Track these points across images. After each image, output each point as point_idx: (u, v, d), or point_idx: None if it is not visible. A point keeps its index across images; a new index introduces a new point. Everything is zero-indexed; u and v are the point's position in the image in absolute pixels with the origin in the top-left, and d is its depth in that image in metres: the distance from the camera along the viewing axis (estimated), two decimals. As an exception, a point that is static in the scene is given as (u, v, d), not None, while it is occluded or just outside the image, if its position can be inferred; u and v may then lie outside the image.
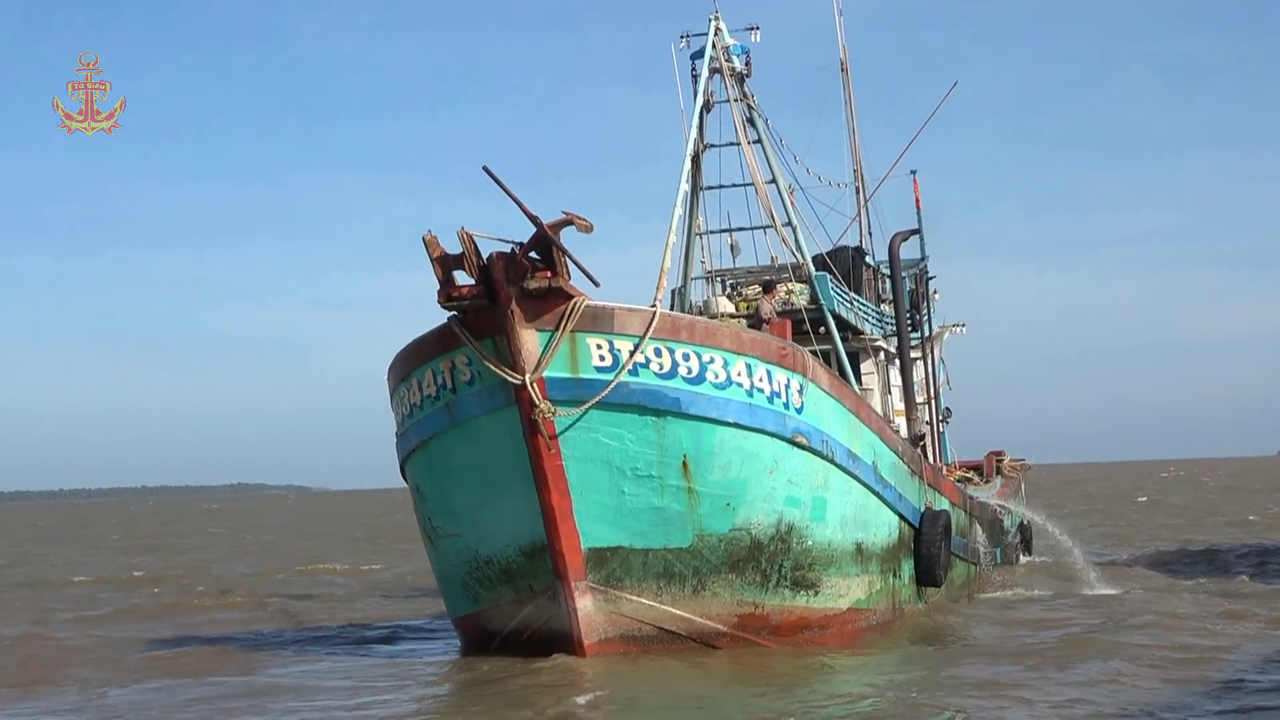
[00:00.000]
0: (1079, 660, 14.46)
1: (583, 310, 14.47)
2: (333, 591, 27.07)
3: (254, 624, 21.13)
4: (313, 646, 18.23)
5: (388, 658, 17.09)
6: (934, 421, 27.60)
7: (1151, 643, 15.57)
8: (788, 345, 15.85)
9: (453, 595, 16.72)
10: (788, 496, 15.67)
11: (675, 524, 15.11)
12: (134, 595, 27.18)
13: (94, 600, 26.30)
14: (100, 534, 70.31)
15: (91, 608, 24.51)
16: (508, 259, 14.23)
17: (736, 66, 22.42)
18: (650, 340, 14.72)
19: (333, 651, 17.70)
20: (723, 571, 15.43)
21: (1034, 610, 19.93)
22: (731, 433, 15.13)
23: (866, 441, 17.12)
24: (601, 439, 14.76)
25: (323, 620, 21.51)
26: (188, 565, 37.78)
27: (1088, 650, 15.12)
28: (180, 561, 40.09)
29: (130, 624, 21.56)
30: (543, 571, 15.10)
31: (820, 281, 22.28)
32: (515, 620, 15.72)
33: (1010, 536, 27.20)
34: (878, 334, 24.66)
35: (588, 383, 14.61)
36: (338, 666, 16.17)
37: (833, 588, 16.52)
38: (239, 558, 41.56)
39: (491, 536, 15.48)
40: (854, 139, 28.63)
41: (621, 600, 15.13)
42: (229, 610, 23.51)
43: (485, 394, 14.82)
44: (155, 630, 20.39)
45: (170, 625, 21.12)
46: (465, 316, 14.66)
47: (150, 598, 26.51)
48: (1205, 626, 16.92)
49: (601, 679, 13.98)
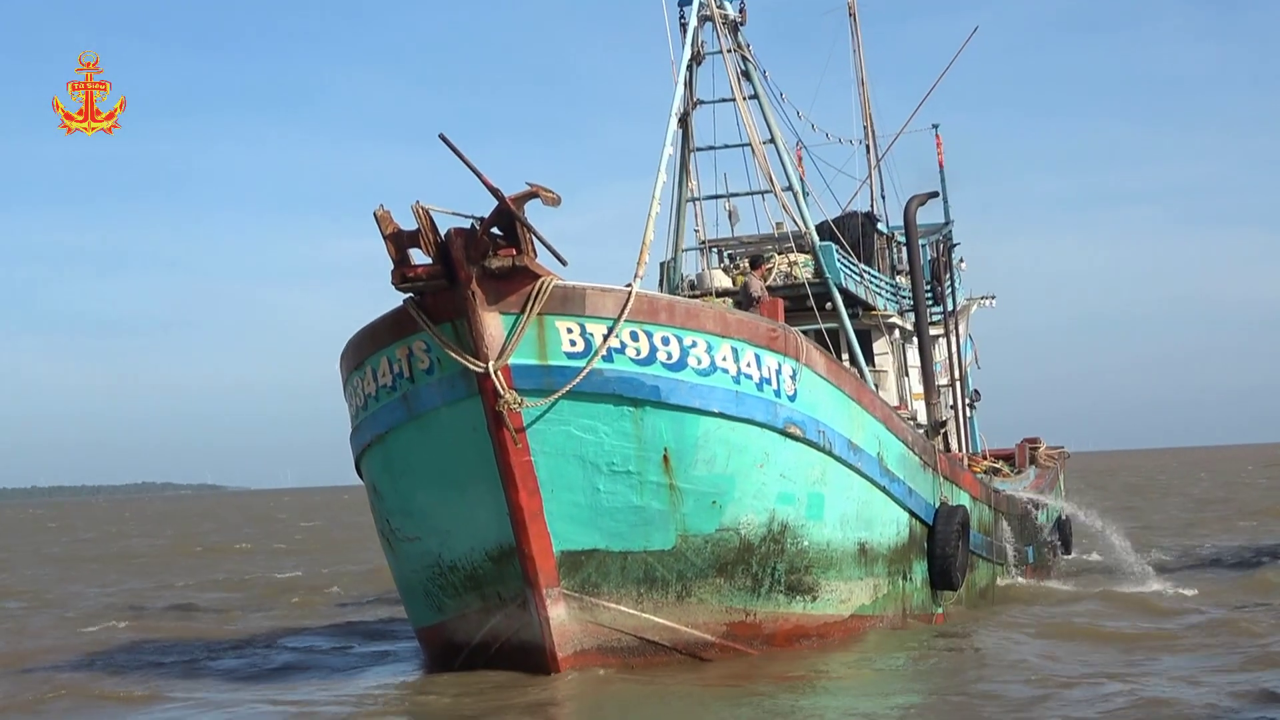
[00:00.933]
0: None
1: (551, 291, 15.01)
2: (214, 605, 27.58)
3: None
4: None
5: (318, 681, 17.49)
6: (960, 405, 28.19)
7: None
8: (778, 327, 16.43)
9: (415, 604, 17.35)
10: (780, 493, 16.27)
11: (656, 524, 15.69)
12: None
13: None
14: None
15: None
16: (467, 236, 14.78)
17: (730, 14, 22.94)
18: (626, 323, 15.27)
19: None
20: (709, 576, 16.04)
21: (1054, 613, 20.53)
22: (717, 423, 15.72)
23: (870, 431, 17.72)
24: (574, 432, 15.33)
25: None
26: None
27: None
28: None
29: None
30: (511, 577, 15.67)
31: (825, 252, 22.84)
32: (483, 631, 16.33)
33: (1046, 534, 27.80)
34: (892, 309, 25.24)
35: (557, 370, 15.17)
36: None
37: (833, 592, 17.15)
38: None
39: (455, 540, 16.06)
40: (863, 91, 29.24)
41: (598, 608, 15.73)
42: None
43: (445, 384, 15.38)
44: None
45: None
46: (423, 299, 15.22)
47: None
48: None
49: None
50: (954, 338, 27.89)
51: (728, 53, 22.92)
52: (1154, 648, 16.97)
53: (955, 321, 28.10)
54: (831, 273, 22.79)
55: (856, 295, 23.74)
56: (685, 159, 23.59)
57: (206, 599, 29.05)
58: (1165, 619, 19.62)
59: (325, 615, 25.04)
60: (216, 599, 29.07)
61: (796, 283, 23.00)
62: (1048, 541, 28.12)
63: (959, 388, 28.30)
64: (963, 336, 30.25)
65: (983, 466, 26.22)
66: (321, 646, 20.39)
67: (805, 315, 22.77)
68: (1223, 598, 21.52)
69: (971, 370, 30.96)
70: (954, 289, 28.35)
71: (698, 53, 22.98)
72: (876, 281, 24.96)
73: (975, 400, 30.62)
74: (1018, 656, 16.79)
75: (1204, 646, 16.87)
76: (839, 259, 23.00)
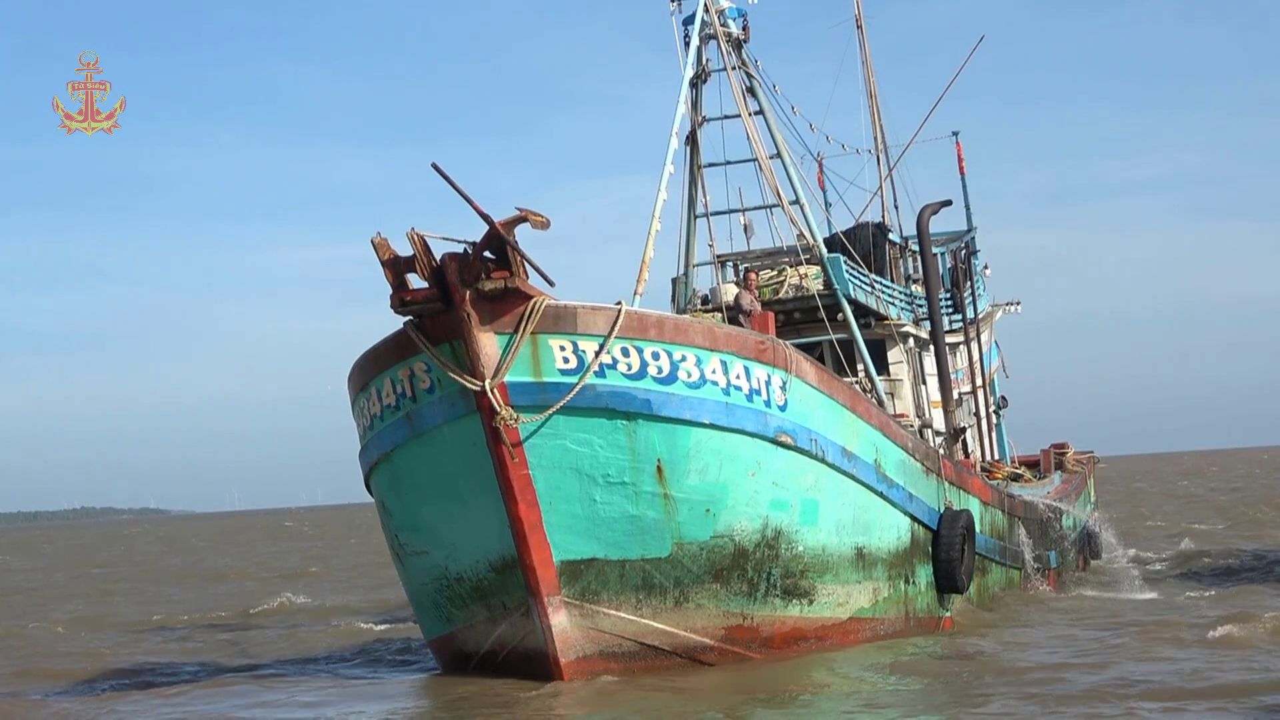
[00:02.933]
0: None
1: (543, 310, 15.90)
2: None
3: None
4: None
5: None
6: (983, 412, 28.86)
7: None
8: (767, 339, 17.22)
9: (426, 617, 18.25)
10: (773, 500, 17.05)
11: (652, 532, 16.53)
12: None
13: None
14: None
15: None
16: (461, 260, 15.68)
17: (733, 31, 23.82)
18: (616, 339, 16.12)
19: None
20: (706, 581, 16.85)
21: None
22: (708, 434, 16.54)
23: (867, 439, 18.47)
24: (569, 445, 16.20)
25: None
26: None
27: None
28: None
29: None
30: (514, 587, 16.56)
31: (833, 264, 23.63)
32: (490, 640, 17.22)
33: (1072, 539, 28.36)
34: (906, 318, 25.93)
35: (552, 386, 16.04)
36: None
37: (830, 595, 17.90)
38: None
39: (460, 552, 16.97)
40: (873, 102, 29.97)
41: (599, 615, 16.59)
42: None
43: (446, 402, 16.29)
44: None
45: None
46: (421, 321, 16.13)
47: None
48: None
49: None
50: (977, 345, 28.54)
51: (732, 70, 23.80)
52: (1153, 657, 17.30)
53: (977, 329, 28.75)
54: (840, 284, 23.57)
55: (867, 305, 24.45)
56: (694, 175, 24.42)
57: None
58: (1170, 629, 19.83)
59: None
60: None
61: (807, 295, 23.76)
62: (1075, 546, 28.67)
63: (983, 394, 28.96)
64: (988, 343, 30.93)
65: (1004, 472, 26.86)
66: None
67: (818, 326, 23.57)
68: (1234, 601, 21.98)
69: (998, 377, 31.61)
70: (974, 296, 28.97)
71: (703, 70, 23.84)
72: (889, 291, 25.67)
73: (1003, 406, 31.24)
74: (1017, 662, 17.17)
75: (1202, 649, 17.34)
76: (848, 270, 23.74)
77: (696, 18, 23.47)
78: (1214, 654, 16.83)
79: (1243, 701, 13.94)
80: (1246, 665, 15.98)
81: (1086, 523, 30.18)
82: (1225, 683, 14.90)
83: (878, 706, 14.91)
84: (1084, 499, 30.65)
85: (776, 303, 24.21)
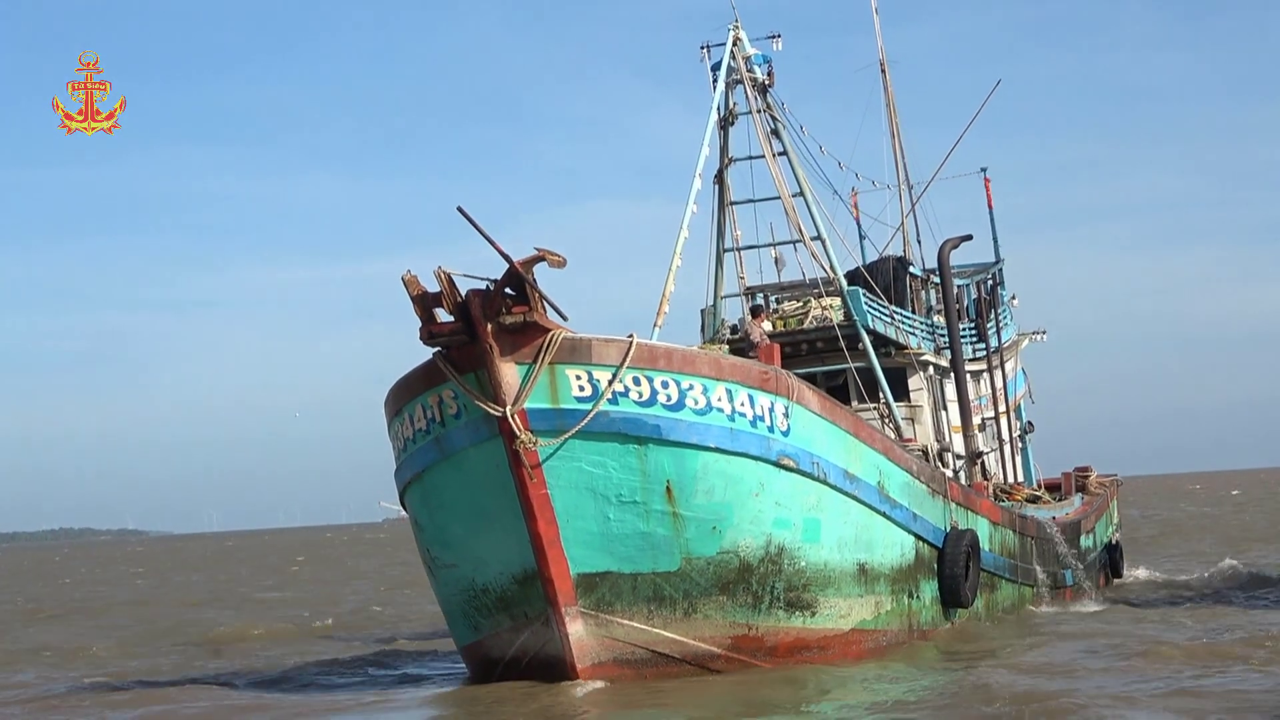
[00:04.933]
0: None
1: (560, 342, 17.30)
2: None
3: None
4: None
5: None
6: (1008, 437, 29.98)
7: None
8: (770, 370, 18.54)
9: (456, 625, 19.65)
10: (776, 519, 18.35)
11: (662, 548, 17.87)
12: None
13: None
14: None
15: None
16: (484, 296, 17.11)
17: (758, 76, 25.21)
18: (628, 369, 17.51)
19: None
20: (713, 594, 18.16)
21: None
22: (714, 457, 17.87)
23: (869, 462, 19.73)
24: (585, 467, 17.58)
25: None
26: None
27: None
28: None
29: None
30: (535, 598, 17.94)
31: (853, 297, 24.91)
32: (514, 647, 18.58)
33: (1091, 558, 29.35)
34: (927, 347, 27.10)
35: (568, 413, 17.44)
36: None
37: (832, 608, 19.15)
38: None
39: (486, 565, 18.37)
40: (895, 143, 31.30)
41: (613, 624, 17.94)
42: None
43: (471, 427, 17.72)
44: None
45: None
46: (449, 352, 17.56)
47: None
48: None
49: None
50: (1000, 372, 29.67)
51: (757, 113, 25.17)
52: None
53: (1000, 357, 29.88)
54: (859, 315, 24.85)
55: (886, 335, 25.67)
56: (722, 212, 25.81)
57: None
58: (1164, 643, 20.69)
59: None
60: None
61: (828, 325, 25.05)
62: (1095, 564, 29.67)
63: (1007, 420, 30.08)
64: (1014, 371, 32.07)
65: (1023, 494, 27.96)
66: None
67: (841, 355, 24.87)
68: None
69: (1025, 403, 32.71)
70: (998, 326, 30.09)
71: (730, 113, 25.23)
72: (909, 321, 26.85)
73: (1028, 431, 32.32)
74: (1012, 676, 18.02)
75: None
76: (866, 303, 25.00)
77: (723, 64, 24.85)
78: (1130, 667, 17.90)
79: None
80: (1167, 679, 16.83)
81: (1108, 542, 31.20)
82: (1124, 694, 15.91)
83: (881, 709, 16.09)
84: (1105, 520, 31.64)
85: (800, 332, 25.54)
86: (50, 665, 25.63)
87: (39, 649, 28.90)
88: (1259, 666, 17.26)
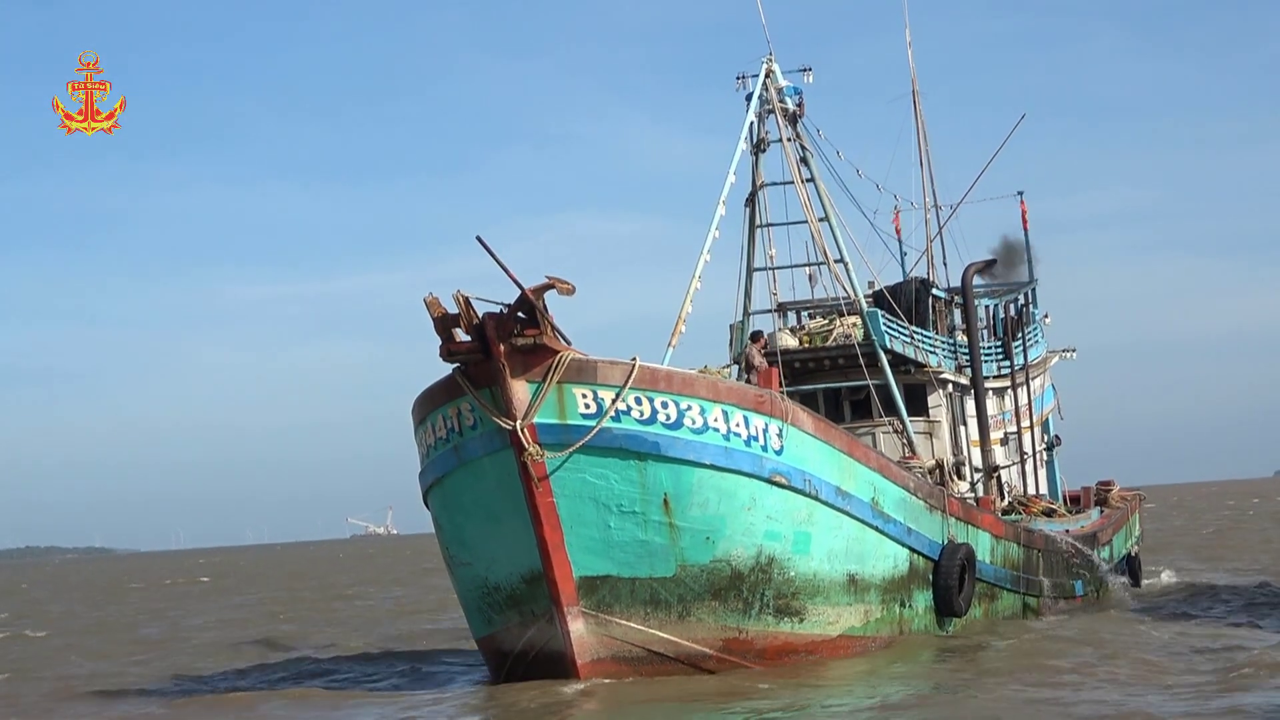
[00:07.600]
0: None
1: (568, 363, 18.66)
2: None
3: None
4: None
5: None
6: (1033, 451, 31.00)
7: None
8: (765, 393, 19.80)
9: (473, 619, 21.08)
10: (767, 531, 19.62)
11: (659, 555, 19.21)
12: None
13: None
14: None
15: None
16: (498, 319, 18.49)
17: (789, 107, 26.42)
18: (630, 390, 18.84)
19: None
20: (706, 599, 19.47)
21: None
22: (709, 473, 19.18)
23: (863, 479, 20.92)
24: (589, 478, 18.94)
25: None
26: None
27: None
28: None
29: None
30: (541, 597, 19.33)
31: (871, 318, 26.07)
32: (522, 642, 19.98)
33: (1107, 569, 30.22)
34: (948, 366, 28.15)
35: (574, 428, 18.80)
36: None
37: (820, 615, 20.39)
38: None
39: (498, 565, 19.78)
40: (925, 170, 32.41)
41: (612, 624, 19.30)
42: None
43: (486, 438, 19.13)
44: None
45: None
46: (467, 368, 18.97)
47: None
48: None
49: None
50: (1026, 389, 30.68)
51: (787, 141, 26.39)
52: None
53: (1027, 373, 30.88)
54: (877, 335, 25.99)
55: (905, 354, 26.77)
56: (752, 233, 27.09)
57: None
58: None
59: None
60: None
61: (849, 343, 26.24)
62: (1110, 575, 30.54)
63: (1032, 435, 31.09)
64: (1043, 387, 33.07)
65: (1038, 508, 28.96)
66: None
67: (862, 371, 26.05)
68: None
69: (1052, 418, 33.69)
70: (1024, 344, 31.07)
71: (763, 140, 26.49)
72: (929, 341, 27.92)
73: (1055, 445, 33.29)
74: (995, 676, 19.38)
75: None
76: (885, 323, 26.14)
77: (754, 95, 26.10)
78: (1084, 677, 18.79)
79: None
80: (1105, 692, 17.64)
81: (1126, 554, 32.12)
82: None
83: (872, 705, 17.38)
84: (1124, 533, 32.50)
85: (824, 349, 26.74)
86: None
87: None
88: (1177, 679, 18.03)
